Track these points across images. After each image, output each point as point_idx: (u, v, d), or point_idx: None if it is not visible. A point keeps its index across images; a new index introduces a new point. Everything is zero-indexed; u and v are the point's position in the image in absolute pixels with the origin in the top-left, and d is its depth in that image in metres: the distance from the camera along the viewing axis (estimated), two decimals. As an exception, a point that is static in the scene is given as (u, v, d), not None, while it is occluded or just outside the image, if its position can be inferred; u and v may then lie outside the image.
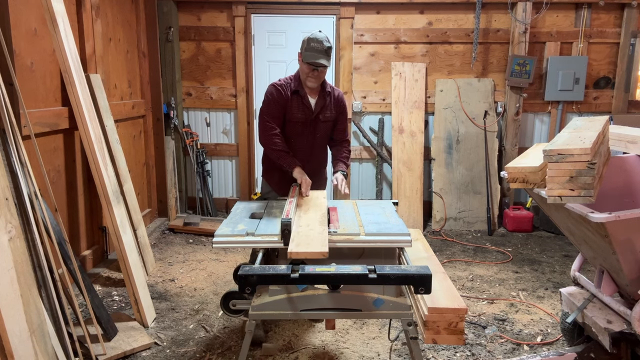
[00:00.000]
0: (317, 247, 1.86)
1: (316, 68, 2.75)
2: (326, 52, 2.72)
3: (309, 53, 2.72)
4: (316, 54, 2.70)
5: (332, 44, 2.75)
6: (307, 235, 1.99)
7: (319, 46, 2.70)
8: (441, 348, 2.83)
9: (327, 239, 1.94)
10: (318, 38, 2.71)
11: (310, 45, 2.71)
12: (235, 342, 2.90)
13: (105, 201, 3.12)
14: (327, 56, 2.74)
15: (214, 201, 5.47)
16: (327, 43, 2.73)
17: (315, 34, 2.74)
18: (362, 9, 5.17)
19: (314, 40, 2.71)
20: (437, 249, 4.56)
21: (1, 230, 2.03)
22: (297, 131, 2.94)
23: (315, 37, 2.72)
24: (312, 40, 2.71)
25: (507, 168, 2.28)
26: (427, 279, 1.72)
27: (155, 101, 5.04)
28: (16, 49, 2.89)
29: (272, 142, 2.85)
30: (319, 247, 1.85)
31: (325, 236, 1.97)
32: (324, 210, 2.33)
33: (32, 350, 2.07)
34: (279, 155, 2.84)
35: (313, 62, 2.71)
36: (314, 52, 2.70)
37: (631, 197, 2.67)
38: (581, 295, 2.63)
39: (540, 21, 5.14)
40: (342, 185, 2.84)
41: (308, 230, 2.05)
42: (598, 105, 5.36)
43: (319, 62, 2.71)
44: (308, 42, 2.73)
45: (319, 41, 2.71)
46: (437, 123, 5.24)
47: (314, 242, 1.92)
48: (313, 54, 2.70)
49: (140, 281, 3.15)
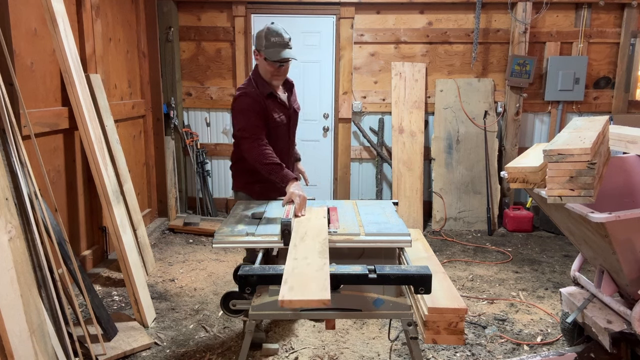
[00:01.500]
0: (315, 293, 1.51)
1: (282, 65, 2.54)
2: (288, 44, 2.50)
3: (271, 50, 2.47)
4: (280, 49, 2.47)
5: (290, 34, 2.51)
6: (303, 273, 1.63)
7: (280, 40, 2.46)
8: (441, 348, 2.83)
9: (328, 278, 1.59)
10: (277, 31, 2.47)
11: (270, 42, 2.46)
12: (235, 342, 2.90)
13: (105, 201, 3.13)
14: (290, 48, 2.51)
15: (214, 201, 5.47)
16: (286, 34, 2.49)
17: (271, 27, 2.48)
18: (362, 9, 5.17)
19: (274, 33, 2.46)
20: (437, 249, 4.56)
21: (1, 230, 2.03)
22: (279, 133, 2.70)
23: (273, 30, 2.47)
24: (271, 34, 2.46)
25: (507, 168, 2.28)
26: (427, 279, 1.72)
27: (155, 101, 5.04)
28: (16, 49, 2.89)
29: (264, 156, 2.50)
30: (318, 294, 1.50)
31: (326, 273, 1.63)
32: (324, 235, 1.98)
33: (32, 350, 2.07)
34: (272, 169, 2.47)
35: (281, 58, 2.47)
36: (277, 47, 2.46)
37: (631, 197, 2.67)
38: (581, 295, 2.63)
39: (540, 21, 5.14)
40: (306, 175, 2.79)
41: (305, 264, 1.71)
42: (598, 105, 5.36)
43: (286, 56, 2.47)
44: (267, 38, 2.47)
45: (278, 34, 2.46)
46: (437, 123, 5.24)
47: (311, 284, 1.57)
48: (277, 49, 2.46)
49: (140, 281, 3.15)
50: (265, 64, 2.55)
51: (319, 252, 1.80)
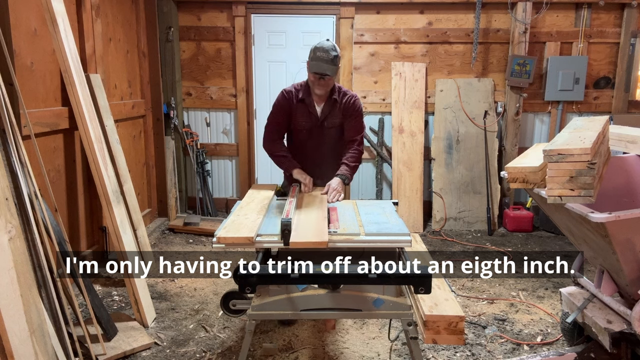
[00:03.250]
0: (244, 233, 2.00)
1: (322, 77, 2.77)
2: (332, 61, 2.73)
3: (314, 62, 2.74)
4: (321, 64, 2.72)
5: (338, 52, 2.77)
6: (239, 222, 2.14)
7: (324, 55, 2.72)
8: (441, 348, 2.83)
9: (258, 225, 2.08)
10: (324, 47, 2.73)
11: (316, 55, 2.74)
12: (235, 342, 2.90)
13: (105, 201, 3.12)
14: (333, 65, 2.74)
15: (214, 201, 5.47)
16: (333, 52, 2.73)
17: (322, 43, 2.76)
18: (362, 9, 5.17)
19: (320, 49, 2.73)
20: (437, 249, 4.57)
21: (1, 230, 2.03)
22: (303, 137, 2.99)
23: (321, 46, 2.74)
24: (319, 49, 2.73)
25: (507, 168, 2.28)
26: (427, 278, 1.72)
27: (155, 101, 5.04)
28: (16, 49, 2.89)
29: (274, 148, 2.97)
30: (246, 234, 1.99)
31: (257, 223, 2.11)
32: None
33: (32, 350, 2.07)
34: (279, 160, 2.96)
35: (318, 72, 2.74)
36: (319, 61, 2.72)
37: (631, 197, 2.67)
38: (581, 295, 2.63)
39: (540, 21, 5.14)
40: (331, 194, 2.72)
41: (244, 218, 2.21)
42: (598, 105, 5.36)
43: (321, 71, 2.73)
44: (314, 52, 2.75)
45: (325, 50, 2.72)
46: (437, 123, 5.24)
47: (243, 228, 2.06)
48: (319, 63, 2.72)
49: (140, 281, 3.15)
50: (309, 74, 2.83)
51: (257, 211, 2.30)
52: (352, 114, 2.97)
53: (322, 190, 2.77)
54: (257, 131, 5.47)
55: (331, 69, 2.74)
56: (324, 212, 2.31)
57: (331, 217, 2.30)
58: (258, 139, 5.50)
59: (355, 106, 2.97)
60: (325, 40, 2.80)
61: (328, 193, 2.74)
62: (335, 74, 2.78)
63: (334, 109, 2.95)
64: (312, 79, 2.82)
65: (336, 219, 2.27)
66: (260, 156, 5.54)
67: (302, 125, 2.95)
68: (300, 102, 2.91)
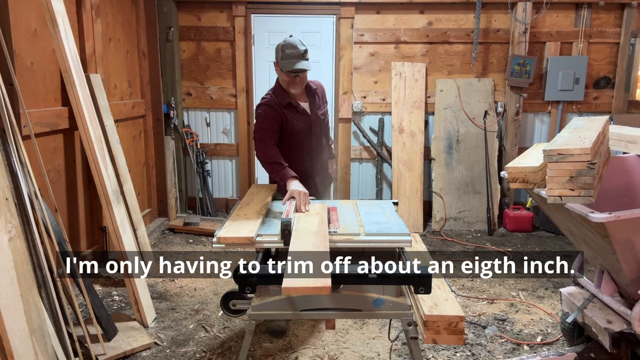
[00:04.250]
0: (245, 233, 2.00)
1: (297, 75, 2.67)
2: (303, 55, 2.63)
3: (286, 61, 2.63)
4: (294, 60, 2.62)
5: (306, 46, 2.67)
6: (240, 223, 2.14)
7: (294, 52, 2.61)
8: (441, 348, 2.83)
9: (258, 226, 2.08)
10: (292, 43, 2.62)
11: (285, 53, 2.63)
12: (235, 342, 2.90)
13: (105, 201, 3.12)
14: (305, 60, 2.64)
15: (214, 201, 5.47)
16: (302, 46, 2.63)
17: (287, 40, 2.65)
18: (362, 9, 5.17)
19: (288, 46, 2.62)
20: (437, 249, 4.57)
21: (1, 230, 2.03)
22: (299, 140, 2.87)
23: (288, 42, 2.63)
24: (286, 46, 2.63)
25: (507, 168, 2.28)
26: (427, 278, 1.72)
27: (155, 101, 5.04)
28: (16, 49, 2.89)
29: (267, 156, 2.72)
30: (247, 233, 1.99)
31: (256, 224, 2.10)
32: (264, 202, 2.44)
33: (32, 350, 2.07)
34: (273, 168, 2.70)
35: (294, 69, 2.63)
36: (291, 59, 2.62)
37: (631, 197, 2.67)
38: (581, 295, 2.63)
39: (540, 21, 5.14)
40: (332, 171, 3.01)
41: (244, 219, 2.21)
42: (598, 105, 5.36)
43: (299, 67, 2.62)
44: (282, 50, 2.64)
45: (293, 46, 2.62)
46: (437, 123, 5.24)
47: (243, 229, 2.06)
48: (290, 61, 2.62)
49: (140, 281, 3.15)
50: (282, 75, 2.71)
51: (257, 211, 2.29)
52: (325, 99, 2.99)
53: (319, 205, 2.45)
54: (257, 131, 5.47)
55: (306, 63, 2.64)
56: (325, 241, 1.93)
57: (331, 217, 2.30)
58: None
59: (324, 89, 3.00)
60: (288, 36, 2.69)
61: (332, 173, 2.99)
62: (310, 68, 2.66)
63: (315, 98, 2.90)
64: (287, 79, 2.70)
65: (336, 219, 2.27)
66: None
67: (299, 128, 2.83)
68: (287, 106, 2.78)
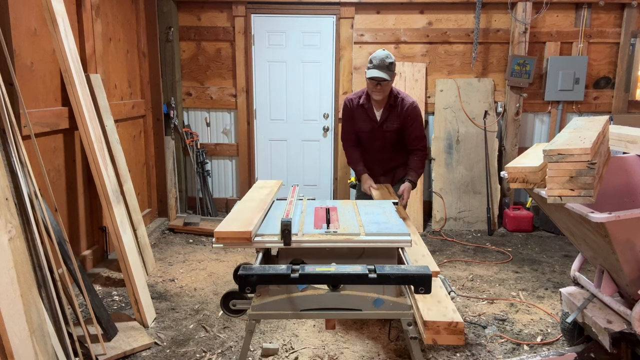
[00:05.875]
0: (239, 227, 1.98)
1: (379, 83, 3.05)
2: (387, 67, 3.02)
3: (370, 70, 3.05)
4: (376, 70, 3.02)
5: (393, 60, 3.08)
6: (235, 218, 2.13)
7: (379, 63, 3.02)
8: (441, 348, 2.83)
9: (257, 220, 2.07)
10: (379, 56, 3.04)
11: (372, 63, 3.05)
12: (235, 342, 2.90)
13: (105, 201, 3.13)
14: (387, 70, 3.02)
15: (214, 201, 5.47)
16: (388, 59, 3.03)
17: (377, 52, 3.08)
18: (362, 9, 5.17)
19: (376, 58, 3.05)
20: (437, 249, 4.57)
21: (1, 230, 2.03)
22: (365, 138, 3.35)
23: (377, 55, 3.06)
24: (375, 58, 3.05)
25: (507, 168, 2.28)
26: (427, 278, 1.72)
27: (155, 101, 5.04)
28: (16, 49, 2.89)
29: (349, 153, 3.42)
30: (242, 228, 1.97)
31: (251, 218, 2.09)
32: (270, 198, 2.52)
33: (32, 350, 2.07)
34: (352, 164, 3.42)
35: (373, 76, 3.02)
36: (374, 68, 3.03)
37: (631, 197, 2.67)
38: (581, 295, 2.63)
39: (540, 21, 5.14)
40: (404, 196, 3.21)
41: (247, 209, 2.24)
42: (598, 105, 5.36)
43: (378, 76, 3.01)
44: (371, 60, 3.07)
45: (380, 58, 3.03)
46: (437, 123, 5.24)
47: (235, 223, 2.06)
48: (374, 70, 3.03)
49: (140, 281, 3.15)
50: (367, 81, 3.12)
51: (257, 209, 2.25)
52: (410, 121, 3.24)
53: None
54: (257, 131, 5.47)
55: (386, 74, 3.01)
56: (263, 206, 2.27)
57: (331, 217, 2.30)
58: (258, 139, 5.50)
59: (413, 112, 3.24)
60: (381, 50, 3.12)
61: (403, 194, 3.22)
62: (391, 79, 3.05)
63: (391, 113, 3.23)
64: (370, 85, 3.11)
65: (336, 219, 2.27)
66: (260, 156, 5.54)
67: (363, 128, 3.30)
68: (360, 107, 3.26)
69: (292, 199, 2.51)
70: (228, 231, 1.95)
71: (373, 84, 3.08)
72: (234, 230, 1.96)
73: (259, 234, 2.07)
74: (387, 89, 3.12)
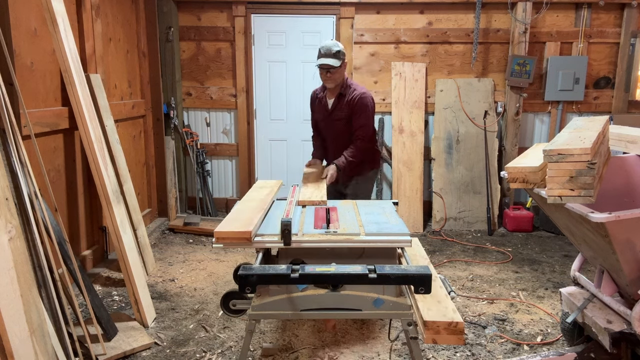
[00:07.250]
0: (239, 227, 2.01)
1: (328, 70, 3.16)
2: (333, 55, 3.13)
3: (319, 58, 3.17)
4: (323, 57, 3.14)
5: (340, 48, 3.18)
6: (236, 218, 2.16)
7: (326, 51, 3.14)
8: (441, 348, 2.83)
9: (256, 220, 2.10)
10: (326, 45, 3.16)
11: (320, 52, 3.17)
12: (235, 342, 2.90)
13: (105, 201, 3.12)
14: (334, 58, 3.13)
15: (214, 201, 5.47)
16: (335, 48, 3.14)
17: (325, 42, 3.21)
18: (362, 9, 5.17)
19: (323, 47, 3.16)
20: (437, 249, 4.57)
21: (1, 230, 2.03)
22: (320, 127, 3.54)
23: (324, 45, 3.17)
24: (322, 47, 3.17)
25: (507, 168, 2.28)
26: (427, 278, 1.72)
27: (155, 101, 5.04)
28: (16, 49, 2.89)
29: (313, 141, 3.66)
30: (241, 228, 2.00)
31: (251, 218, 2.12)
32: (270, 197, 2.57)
33: (32, 350, 2.07)
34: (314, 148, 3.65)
35: (320, 64, 3.15)
36: (322, 56, 3.15)
37: (631, 197, 2.67)
38: (581, 295, 2.63)
39: (540, 21, 5.14)
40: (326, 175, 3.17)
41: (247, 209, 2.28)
42: (598, 105, 5.36)
43: (325, 63, 3.12)
44: (319, 50, 3.18)
45: (327, 47, 3.15)
46: (437, 123, 5.24)
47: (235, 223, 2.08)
48: (321, 58, 3.15)
49: (140, 281, 3.15)
50: (318, 70, 3.24)
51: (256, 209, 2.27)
52: (356, 111, 3.27)
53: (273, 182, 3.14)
54: (257, 131, 5.47)
55: (332, 61, 3.12)
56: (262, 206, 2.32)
57: (331, 217, 2.30)
58: (258, 139, 5.50)
59: (360, 103, 3.26)
60: (329, 40, 3.26)
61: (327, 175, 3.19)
62: (338, 65, 3.14)
63: (340, 102, 3.32)
64: (321, 75, 3.23)
65: (336, 219, 2.27)
66: (260, 156, 5.54)
67: (318, 117, 3.49)
68: (317, 96, 3.47)
69: (292, 199, 2.51)
70: (228, 231, 1.95)
71: (323, 73, 3.20)
72: (234, 230, 1.96)
73: (259, 234, 2.07)
74: (336, 76, 3.22)
